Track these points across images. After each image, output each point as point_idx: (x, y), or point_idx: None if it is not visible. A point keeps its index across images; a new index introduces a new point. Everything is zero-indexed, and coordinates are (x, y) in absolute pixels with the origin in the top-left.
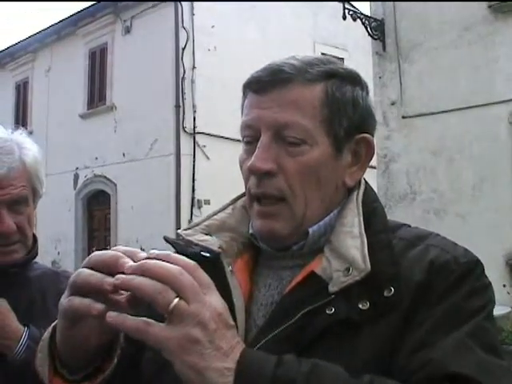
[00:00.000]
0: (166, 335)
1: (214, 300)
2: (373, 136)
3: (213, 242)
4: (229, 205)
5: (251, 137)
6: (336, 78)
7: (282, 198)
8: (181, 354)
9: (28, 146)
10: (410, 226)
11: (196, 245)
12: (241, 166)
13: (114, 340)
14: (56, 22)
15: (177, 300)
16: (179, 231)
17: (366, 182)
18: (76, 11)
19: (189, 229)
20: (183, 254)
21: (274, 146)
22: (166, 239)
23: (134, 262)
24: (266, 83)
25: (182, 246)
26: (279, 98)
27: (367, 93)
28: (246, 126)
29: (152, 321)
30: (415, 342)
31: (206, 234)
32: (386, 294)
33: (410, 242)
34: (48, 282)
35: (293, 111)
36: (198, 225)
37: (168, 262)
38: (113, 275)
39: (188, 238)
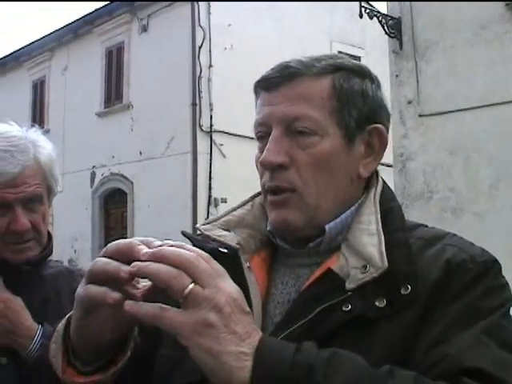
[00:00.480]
0: (181, 320)
1: (229, 285)
2: (386, 127)
3: (231, 238)
4: (247, 201)
5: (263, 132)
6: (343, 70)
7: (294, 190)
8: (196, 338)
9: (42, 144)
10: (426, 226)
11: (214, 240)
12: (256, 164)
13: (127, 334)
14: (73, 20)
15: (192, 285)
16: (197, 226)
17: (383, 180)
18: (93, 10)
19: (207, 224)
20: (200, 248)
21: (285, 139)
22: (184, 234)
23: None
24: (274, 80)
25: (199, 241)
26: (288, 92)
27: (378, 86)
28: (259, 124)
29: (167, 306)
30: (431, 340)
31: (225, 230)
32: (402, 291)
33: (427, 242)
34: (62, 280)
35: (302, 104)
36: (216, 220)
37: (184, 248)
38: (129, 264)
39: (206, 233)
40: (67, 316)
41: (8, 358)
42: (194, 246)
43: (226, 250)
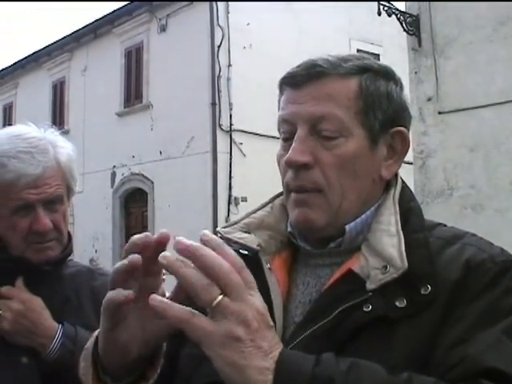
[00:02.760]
0: (209, 329)
1: (257, 300)
2: (408, 130)
3: (251, 240)
4: (267, 203)
5: (288, 132)
6: (370, 72)
7: (318, 190)
8: (221, 349)
9: (61, 144)
10: (445, 226)
11: (235, 243)
12: (278, 162)
13: (157, 349)
14: (92, 21)
15: (220, 297)
16: (218, 229)
17: (402, 180)
18: (112, 10)
19: (227, 226)
20: None
21: (310, 138)
22: None
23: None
24: (301, 78)
25: None
26: (314, 91)
27: (401, 88)
28: (283, 120)
29: (198, 313)
30: (451, 340)
31: (245, 232)
32: (422, 291)
33: (447, 241)
34: (82, 279)
35: (328, 103)
36: (236, 223)
37: (219, 253)
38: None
39: (227, 236)
40: (95, 333)
41: (29, 358)
42: None
43: (246, 252)
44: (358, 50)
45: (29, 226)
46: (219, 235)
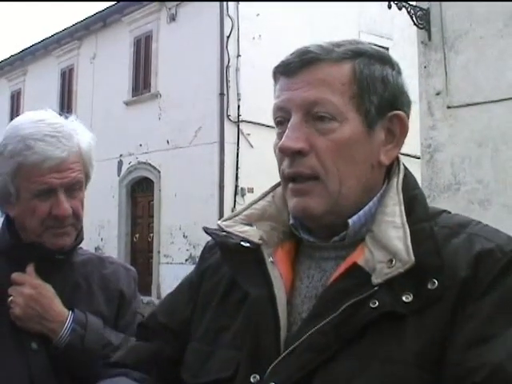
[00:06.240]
0: None
1: None
2: (408, 114)
3: (253, 233)
4: (268, 192)
5: (282, 118)
6: (364, 56)
7: (315, 177)
8: None
9: (82, 132)
10: (449, 213)
11: (236, 236)
12: (275, 151)
13: None
14: (102, 9)
15: None
16: (219, 222)
17: (405, 167)
18: None
19: (229, 219)
20: (223, 245)
21: (304, 125)
22: (206, 231)
23: None
24: (294, 65)
25: (221, 237)
26: (308, 77)
27: (398, 72)
28: (278, 108)
29: None
30: (467, 338)
31: (247, 225)
32: (429, 286)
33: (452, 231)
34: (92, 267)
35: (321, 88)
36: (238, 215)
37: None
38: None
39: (228, 230)
40: None
41: (38, 344)
42: (215, 242)
43: (248, 244)
44: (368, 43)
45: (49, 210)
46: (220, 229)
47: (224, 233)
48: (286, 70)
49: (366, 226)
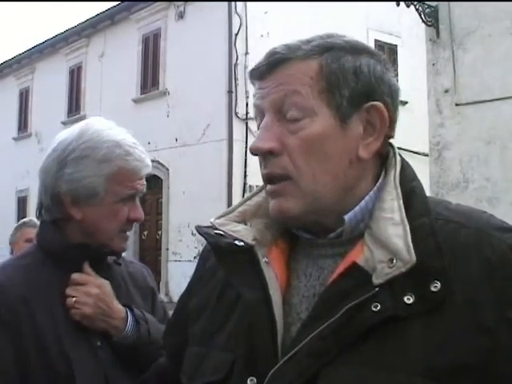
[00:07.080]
0: None
1: None
2: (389, 104)
3: (246, 233)
4: (263, 188)
5: (260, 119)
6: (333, 50)
7: (288, 177)
8: None
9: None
10: (450, 203)
11: (229, 235)
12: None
13: None
14: (110, 7)
15: None
16: (212, 220)
17: (402, 157)
18: None
19: (222, 216)
20: (216, 244)
21: (277, 124)
22: (198, 230)
23: None
24: (263, 68)
25: (214, 237)
26: (276, 77)
27: (378, 60)
28: (255, 110)
29: None
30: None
31: (240, 223)
32: (432, 288)
33: (456, 224)
34: (122, 266)
35: (290, 82)
36: (231, 212)
37: None
38: None
39: (221, 229)
40: None
41: (101, 341)
42: (208, 242)
43: (242, 244)
44: (376, 41)
45: (128, 214)
46: (213, 227)
47: (216, 231)
48: (257, 74)
49: (364, 222)
